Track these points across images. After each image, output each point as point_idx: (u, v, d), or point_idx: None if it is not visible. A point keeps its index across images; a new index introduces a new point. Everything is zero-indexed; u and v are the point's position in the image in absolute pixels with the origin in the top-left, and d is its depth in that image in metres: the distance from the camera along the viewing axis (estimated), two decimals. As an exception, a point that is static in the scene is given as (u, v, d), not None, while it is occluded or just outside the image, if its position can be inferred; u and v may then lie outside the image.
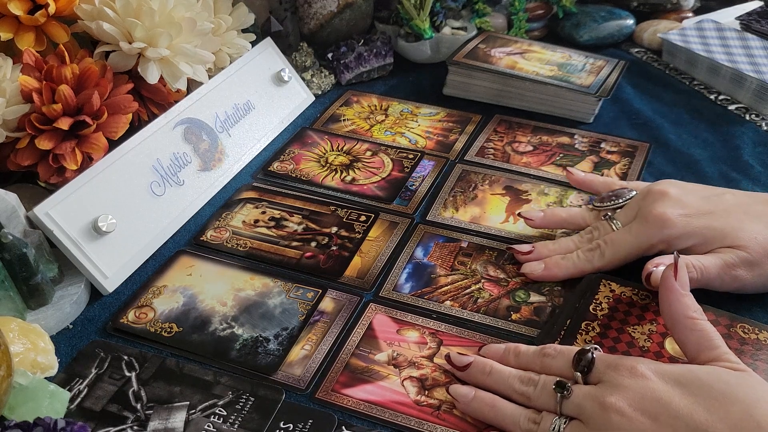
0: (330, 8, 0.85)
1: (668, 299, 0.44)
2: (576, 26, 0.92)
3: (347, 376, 0.49)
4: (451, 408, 0.47)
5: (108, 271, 0.57)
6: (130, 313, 0.54)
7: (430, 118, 0.79)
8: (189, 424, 0.45)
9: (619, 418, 0.39)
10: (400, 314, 0.54)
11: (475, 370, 0.47)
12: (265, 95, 0.77)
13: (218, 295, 0.56)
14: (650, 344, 0.49)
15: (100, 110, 0.58)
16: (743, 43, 0.83)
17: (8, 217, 0.52)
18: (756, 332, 0.49)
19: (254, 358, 0.50)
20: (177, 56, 0.63)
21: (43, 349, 0.48)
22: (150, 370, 0.49)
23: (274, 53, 0.79)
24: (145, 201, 0.61)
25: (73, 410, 0.47)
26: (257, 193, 0.67)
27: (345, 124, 0.78)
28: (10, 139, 0.57)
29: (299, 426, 0.45)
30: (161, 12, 0.61)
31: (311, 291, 0.56)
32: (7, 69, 0.57)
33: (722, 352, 0.41)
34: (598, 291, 0.54)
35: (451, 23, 0.91)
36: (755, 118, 0.77)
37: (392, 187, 0.68)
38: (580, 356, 0.43)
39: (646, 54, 0.91)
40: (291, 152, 0.73)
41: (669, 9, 0.97)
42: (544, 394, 0.43)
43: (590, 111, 0.77)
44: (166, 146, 0.65)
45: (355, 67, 0.85)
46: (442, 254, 0.60)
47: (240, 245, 0.61)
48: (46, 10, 0.59)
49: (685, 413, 0.38)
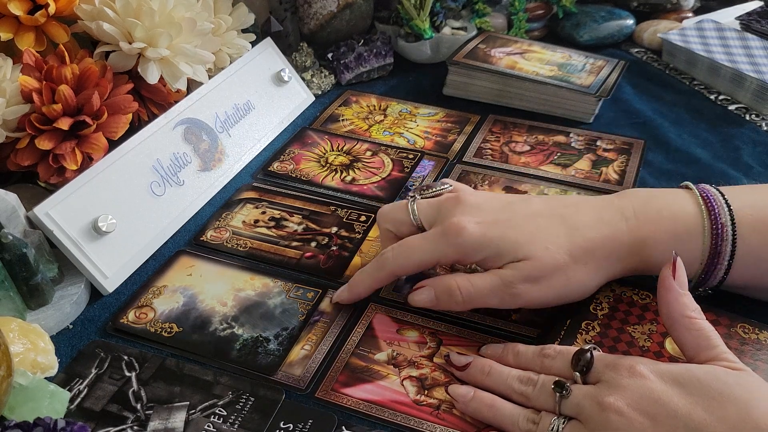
0: (330, 8, 0.85)
1: (666, 299, 0.44)
2: (576, 26, 0.92)
3: (347, 375, 0.49)
4: (451, 408, 0.47)
5: (108, 271, 0.57)
6: (130, 313, 0.55)
7: (429, 118, 0.79)
8: (189, 424, 0.46)
9: (617, 417, 0.39)
10: (400, 314, 0.54)
11: (475, 370, 0.47)
12: (265, 95, 0.77)
13: (218, 295, 0.56)
14: (650, 344, 0.49)
15: (100, 110, 0.58)
16: (743, 43, 0.83)
17: (8, 217, 0.52)
18: (756, 332, 0.49)
19: (254, 358, 0.50)
20: (177, 56, 0.64)
21: (43, 349, 0.48)
22: (150, 370, 0.50)
23: (274, 53, 0.79)
24: (145, 201, 0.61)
25: (73, 410, 0.47)
26: (257, 193, 0.67)
27: (344, 124, 0.78)
28: (10, 139, 0.57)
29: (299, 426, 0.45)
30: (161, 12, 0.61)
31: (311, 291, 0.56)
32: (7, 69, 0.57)
33: (721, 352, 0.41)
34: (599, 290, 0.54)
35: (451, 23, 0.91)
36: (755, 118, 0.77)
37: (392, 187, 0.68)
38: (579, 356, 0.43)
39: (646, 54, 0.91)
40: (291, 152, 0.73)
41: (669, 9, 0.97)
42: (543, 394, 0.43)
43: (590, 111, 0.77)
44: (166, 146, 0.65)
45: (355, 67, 0.86)
46: (442, 254, 0.60)
47: (240, 245, 0.61)
48: (46, 10, 0.59)
49: (684, 413, 0.38)
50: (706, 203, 0.49)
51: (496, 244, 0.49)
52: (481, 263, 0.50)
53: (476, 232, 0.49)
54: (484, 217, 0.50)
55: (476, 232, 0.49)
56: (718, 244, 0.48)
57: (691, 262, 0.49)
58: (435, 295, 0.51)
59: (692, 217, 0.49)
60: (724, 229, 0.48)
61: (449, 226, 0.50)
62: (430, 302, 0.51)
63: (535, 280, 0.48)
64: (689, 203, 0.50)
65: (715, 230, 0.48)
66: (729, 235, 0.48)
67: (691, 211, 0.49)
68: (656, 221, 0.49)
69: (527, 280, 0.48)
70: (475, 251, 0.49)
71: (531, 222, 0.50)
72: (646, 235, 0.49)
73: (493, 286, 0.49)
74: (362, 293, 0.54)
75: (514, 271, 0.48)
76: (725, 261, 0.49)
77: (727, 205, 0.49)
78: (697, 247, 0.49)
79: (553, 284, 0.49)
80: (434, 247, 0.50)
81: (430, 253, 0.50)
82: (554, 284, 0.49)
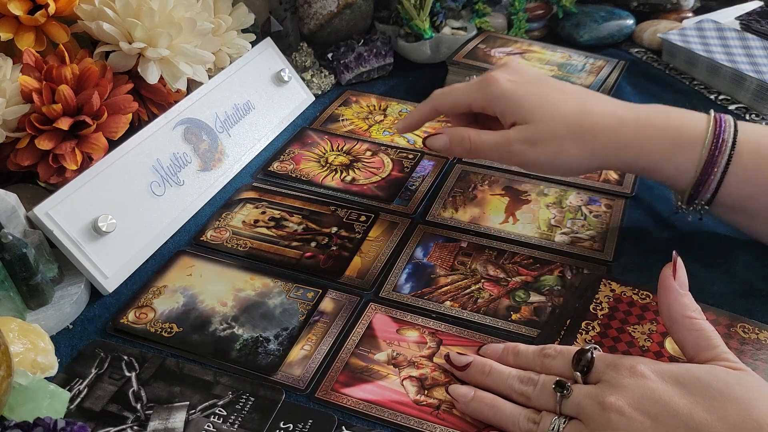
0: (330, 8, 0.85)
1: (667, 299, 0.44)
2: (576, 26, 0.92)
3: (347, 375, 0.49)
4: (451, 408, 0.47)
5: (108, 271, 0.57)
6: (130, 313, 0.55)
7: (430, 118, 0.79)
8: (189, 424, 0.46)
9: (618, 417, 0.39)
10: (399, 314, 0.54)
11: (475, 370, 0.47)
12: (265, 95, 0.77)
13: (218, 296, 0.56)
14: (650, 344, 0.49)
15: (100, 110, 0.58)
16: (743, 43, 0.83)
17: (8, 217, 0.52)
18: (756, 332, 0.50)
19: (254, 358, 0.50)
20: (177, 56, 0.64)
21: (43, 349, 0.48)
22: (150, 370, 0.50)
23: (274, 53, 0.79)
24: (145, 201, 0.61)
25: (73, 410, 0.47)
26: (257, 193, 0.67)
27: (343, 124, 0.78)
28: (10, 139, 0.57)
29: (299, 426, 0.45)
30: (161, 12, 0.61)
31: (311, 291, 0.56)
32: (7, 69, 0.57)
33: (721, 352, 0.41)
34: (598, 290, 0.54)
35: (451, 23, 0.91)
36: (755, 118, 0.77)
37: (392, 187, 0.68)
38: (580, 356, 0.43)
39: (646, 54, 0.91)
40: (291, 152, 0.73)
41: (669, 9, 0.97)
42: (544, 394, 0.43)
43: (590, 111, 0.77)
44: (166, 146, 0.65)
45: (355, 67, 0.86)
46: (442, 254, 0.60)
47: (240, 245, 0.61)
48: (46, 10, 0.59)
49: (685, 413, 0.38)
50: (716, 122, 0.53)
51: (516, 101, 0.56)
52: (501, 114, 0.57)
53: (505, 86, 0.56)
54: (518, 78, 0.57)
55: (505, 86, 0.56)
56: (715, 155, 0.52)
57: (687, 169, 0.53)
58: (449, 141, 0.59)
59: (698, 130, 0.53)
60: (724, 144, 0.52)
61: (487, 76, 0.58)
62: (444, 146, 0.60)
63: (532, 143, 0.55)
64: (702, 121, 0.54)
65: (716, 143, 0.52)
66: (727, 149, 0.52)
67: (699, 125, 0.54)
68: (663, 126, 0.54)
69: (525, 142, 0.55)
70: (498, 101, 0.57)
71: (553, 94, 0.56)
72: (649, 135, 0.54)
73: (496, 142, 0.57)
74: (413, 124, 0.63)
75: (516, 132, 0.56)
76: (719, 172, 0.53)
77: (735, 127, 0.53)
78: (695, 155, 0.53)
79: (547, 150, 0.55)
80: (469, 91, 0.59)
81: (464, 95, 0.59)
82: (547, 150, 0.55)
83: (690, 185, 0.54)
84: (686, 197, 0.55)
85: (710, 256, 0.58)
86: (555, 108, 0.55)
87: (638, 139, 0.54)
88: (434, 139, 0.60)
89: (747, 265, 0.57)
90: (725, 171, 0.52)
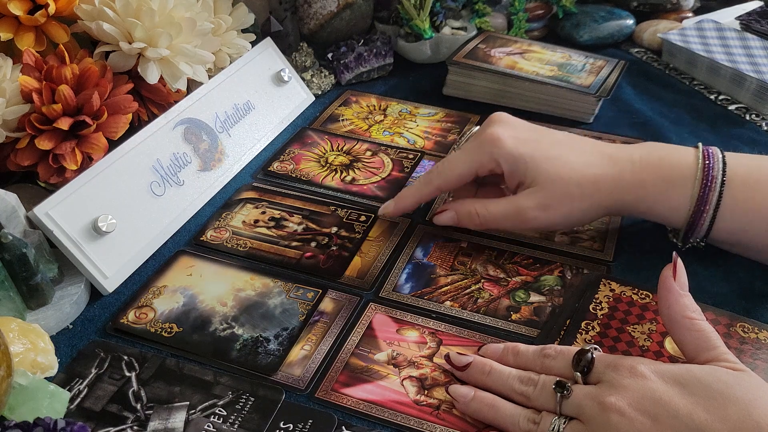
0: (330, 8, 0.85)
1: (667, 300, 0.44)
2: (576, 26, 0.92)
3: (347, 375, 0.49)
4: (451, 408, 0.47)
5: (108, 271, 0.57)
6: (130, 313, 0.55)
7: (429, 118, 0.79)
8: (189, 424, 0.46)
9: (618, 417, 0.39)
10: (399, 314, 0.54)
11: (475, 370, 0.47)
12: (265, 95, 0.77)
13: (218, 296, 0.56)
14: (650, 344, 0.49)
15: (100, 110, 0.58)
16: (743, 43, 0.83)
17: (8, 217, 0.52)
18: (756, 332, 0.50)
19: (254, 358, 0.50)
20: (177, 56, 0.64)
21: (43, 349, 0.48)
22: (150, 370, 0.50)
23: (274, 53, 0.79)
24: (145, 201, 0.61)
25: (73, 410, 0.47)
26: (257, 193, 0.67)
27: (343, 124, 0.78)
28: (10, 139, 0.57)
29: (299, 426, 0.45)
30: (161, 12, 0.61)
31: (311, 291, 0.56)
32: (7, 69, 0.57)
33: (721, 352, 0.41)
34: (598, 290, 0.54)
35: (451, 23, 0.91)
36: (755, 118, 0.77)
37: (392, 187, 0.68)
38: (580, 356, 0.43)
39: (646, 54, 0.91)
40: (291, 152, 0.73)
41: (669, 9, 0.97)
42: (544, 394, 0.43)
43: (590, 111, 0.77)
44: (166, 146, 0.65)
45: (355, 67, 0.86)
46: (442, 254, 0.60)
47: (240, 245, 0.61)
48: (46, 10, 0.59)
49: (685, 413, 0.38)
50: (705, 157, 0.54)
51: (524, 161, 0.55)
52: (508, 175, 0.56)
53: (511, 144, 0.55)
54: (518, 133, 0.56)
55: (511, 144, 0.55)
56: (706, 193, 0.52)
57: (680, 207, 0.54)
58: (457, 217, 0.58)
59: (688, 167, 0.54)
60: (714, 180, 0.52)
61: (486, 135, 0.56)
62: (453, 222, 0.59)
63: (545, 208, 0.55)
64: (690, 156, 0.54)
65: (706, 180, 0.53)
66: (717, 186, 0.52)
67: (689, 161, 0.54)
68: (657, 166, 0.54)
69: (538, 208, 0.55)
70: (506, 162, 0.55)
71: (553, 149, 0.55)
72: (644, 178, 0.54)
73: (507, 212, 0.56)
74: (408, 207, 0.61)
75: (527, 198, 0.55)
76: (711, 210, 0.53)
77: (723, 161, 0.53)
78: (687, 193, 0.53)
79: (560, 211, 0.55)
80: (472, 158, 0.56)
81: (468, 164, 0.57)
82: (561, 211, 0.55)
83: (684, 223, 0.54)
84: (681, 236, 0.56)
85: (710, 256, 0.58)
86: (560, 165, 0.54)
87: (635, 182, 0.54)
88: (442, 217, 0.59)
89: (747, 265, 0.57)
90: (717, 207, 0.53)
